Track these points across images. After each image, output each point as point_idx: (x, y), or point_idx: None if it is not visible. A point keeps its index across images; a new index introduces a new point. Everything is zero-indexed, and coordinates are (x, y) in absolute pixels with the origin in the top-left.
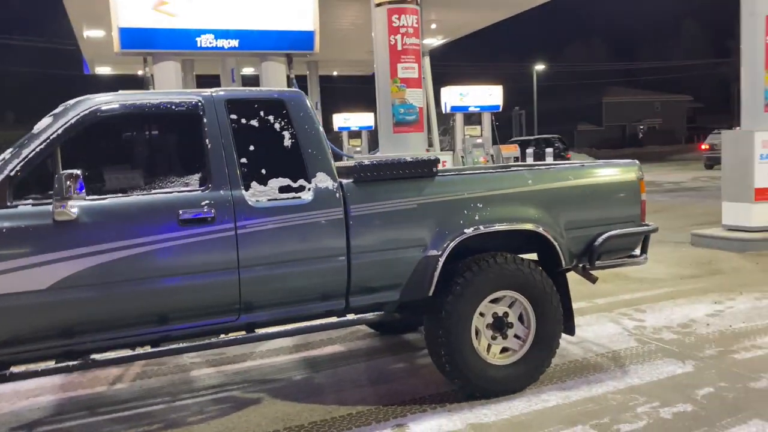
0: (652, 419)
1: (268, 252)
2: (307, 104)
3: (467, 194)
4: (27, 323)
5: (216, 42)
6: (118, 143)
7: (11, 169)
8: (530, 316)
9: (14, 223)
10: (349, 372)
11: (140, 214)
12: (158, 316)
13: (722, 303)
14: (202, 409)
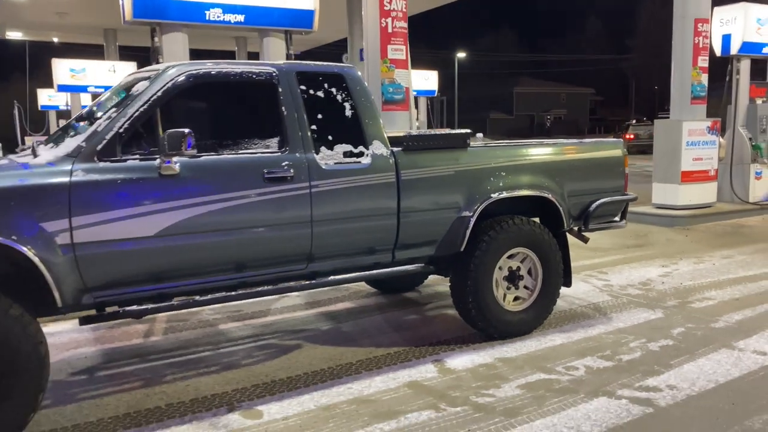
0: (644, 351)
1: (335, 209)
2: (362, 79)
3: (493, 164)
4: (135, 267)
5: (223, 16)
6: (207, 106)
7: (119, 127)
8: (538, 270)
9: (125, 175)
10: (371, 322)
11: (232, 171)
12: (242, 263)
13: (668, 266)
14: (250, 354)
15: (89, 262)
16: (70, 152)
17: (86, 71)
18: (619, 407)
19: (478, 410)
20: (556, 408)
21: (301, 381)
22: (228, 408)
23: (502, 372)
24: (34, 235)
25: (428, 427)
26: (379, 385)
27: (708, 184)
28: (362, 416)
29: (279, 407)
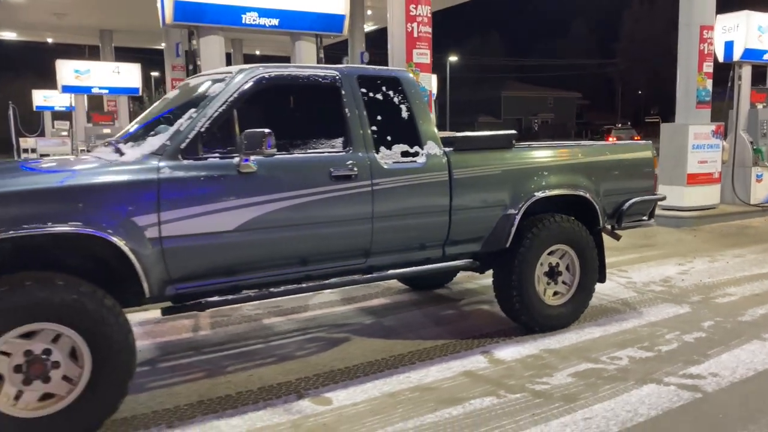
0: (680, 342)
1: (394, 206)
2: (416, 83)
3: (536, 164)
4: (215, 260)
5: (259, 20)
6: (277, 107)
7: (200, 126)
8: (576, 266)
9: (207, 173)
10: (410, 317)
11: (303, 169)
12: (309, 257)
13: (684, 265)
14: (302, 346)
15: (175, 254)
16: (155, 150)
17: (90, 72)
18: (669, 393)
19: (537, 396)
20: (610, 394)
21: (360, 370)
22: (297, 395)
23: (551, 362)
24: (126, 229)
25: (493, 412)
26: (436, 374)
27: (712, 186)
28: (428, 402)
29: (345, 394)
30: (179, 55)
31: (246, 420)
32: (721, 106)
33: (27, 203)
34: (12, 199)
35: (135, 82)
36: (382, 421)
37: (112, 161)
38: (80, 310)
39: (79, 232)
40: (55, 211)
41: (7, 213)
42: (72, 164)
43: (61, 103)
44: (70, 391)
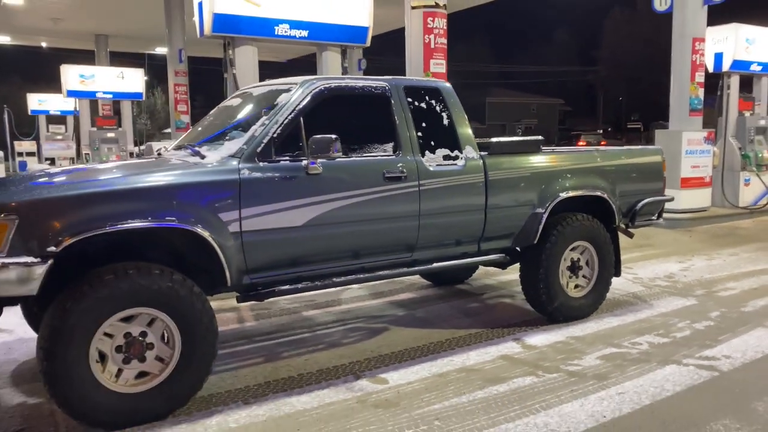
0: (692, 330)
1: (437, 205)
2: (454, 92)
3: (560, 167)
4: (285, 252)
5: (290, 31)
6: (337, 115)
7: (273, 132)
8: (595, 261)
9: (280, 174)
10: (439, 309)
11: (361, 171)
12: (364, 251)
13: (684, 263)
14: (346, 335)
15: (252, 247)
16: (234, 153)
17: (95, 77)
18: (689, 372)
19: (572, 376)
20: (637, 373)
21: (406, 355)
22: (354, 376)
23: (578, 347)
24: (213, 224)
25: (535, 389)
26: (476, 358)
27: (704, 189)
28: (475, 381)
29: (398, 375)
30: (182, 61)
31: (314, 397)
32: (710, 113)
33: (131, 200)
34: (119, 196)
35: (138, 87)
36: (438, 396)
37: (196, 163)
38: (173, 296)
39: (176, 227)
40: (154, 207)
41: (114, 208)
42: (161, 165)
43: (56, 107)
44: (162, 370)
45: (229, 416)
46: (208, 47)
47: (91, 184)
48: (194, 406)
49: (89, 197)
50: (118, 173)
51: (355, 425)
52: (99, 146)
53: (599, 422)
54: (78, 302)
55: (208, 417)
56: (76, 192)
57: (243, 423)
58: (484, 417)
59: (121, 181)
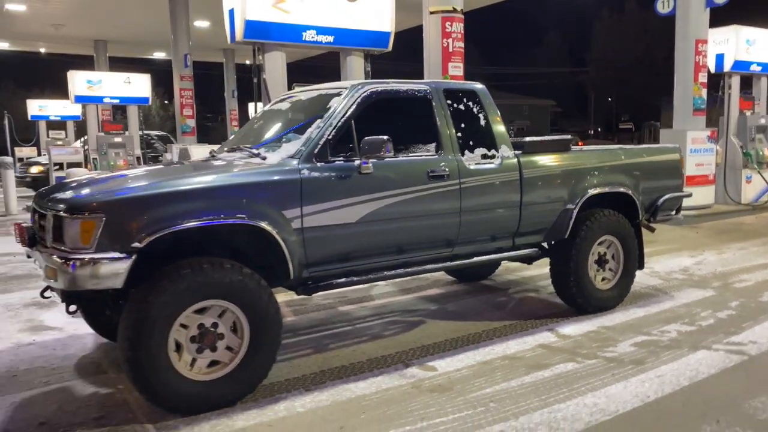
0: (715, 318)
1: (476, 202)
2: (489, 94)
3: (589, 165)
4: (340, 247)
5: (317, 37)
6: (384, 117)
7: (328, 134)
8: (620, 254)
9: (336, 173)
10: (470, 303)
11: (408, 170)
12: (410, 246)
13: (696, 257)
14: (385, 327)
15: (312, 243)
16: (293, 154)
17: (102, 82)
18: (720, 356)
19: (610, 362)
20: (671, 358)
21: (448, 345)
22: (404, 365)
23: (610, 336)
24: (278, 220)
25: (578, 373)
26: (515, 347)
27: (708, 187)
28: (519, 368)
29: (445, 363)
30: (187, 66)
31: (370, 384)
32: (711, 112)
33: (206, 198)
34: (196, 194)
35: (145, 92)
36: (487, 381)
37: (259, 164)
38: (244, 289)
39: (246, 223)
40: (227, 205)
41: (191, 206)
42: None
43: (56, 113)
44: (232, 359)
45: (295, 402)
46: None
47: (167, 183)
48: (260, 394)
49: (170, 196)
50: (189, 173)
51: (416, 407)
52: (106, 151)
53: (644, 402)
54: (159, 295)
55: (274, 403)
56: (157, 191)
57: (309, 407)
58: (535, 399)
59: (196, 181)
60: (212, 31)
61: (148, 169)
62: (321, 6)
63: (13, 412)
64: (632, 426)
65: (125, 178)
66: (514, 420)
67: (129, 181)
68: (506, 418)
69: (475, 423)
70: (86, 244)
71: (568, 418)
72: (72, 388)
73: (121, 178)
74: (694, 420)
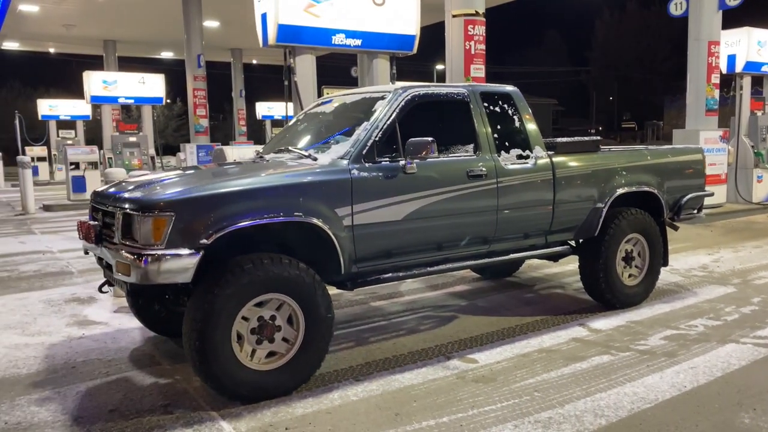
0: (740, 313)
1: (512, 200)
2: (523, 97)
3: (617, 165)
4: (386, 244)
5: (346, 41)
6: (425, 119)
7: (375, 136)
8: (646, 252)
9: (383, 173)
10: (499, 300)
11: (449, 170)
12: (451, 242)
13: (713, 255)
14: (421, 322)
15: (361, 240)
16: (342, 156)
17: (117, 83)
18: (748, 349)
19: (644, 354)
20: (701, 351)
21: (485, 339)
22: (445, 357)
23: (640, 330)
24: (330, 218)
25: (614, 365)
26: (550, 341)
27: (720, 186)
28: (557, 360)
29: (485, 356)
30: (201, 66)
31: (417, 374)
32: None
33: (267, 197)
34: (257, 193)
35: (159, 92)
36: (528, 372)
37: (311, 165)
38: (300, 283)
39: (303, 221)
40: (285, 204)
41: (254, 205)
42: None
43: (66, 112)
44: (289, 350)
45: (347, 391)
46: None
47: (231, 183)
48: (313, 384)
49: (234, 195)
50: (248, 174)
51: (464, 396)
52: (121, 150)
53: (682, 391)
54: (224, 288)
55: (328, 392)
56: (222, 190)
57: (362, 396)
58: (577, 389)
59: (256, 181)
60: (221, 31)
61: (207, 169)
62: (350, 10)
63: (80, 401)
64: (673, 413)
65: (186, 178)
66: (560, 408)
67: (191, 180)
68: (552, 406)
69: (524, 410)
70: (158, 240)
71: (611, 406)
72: (132, 378)
73: (182, 179)
74: (731, 408)
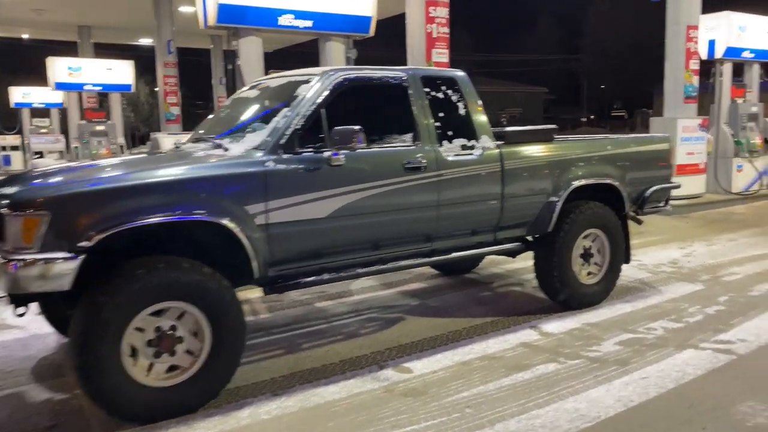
0: (703, 314)
1: (455, 194)
2: (470, 82)
3: (573, 155)
4: (309, 244)
5: (294, 21)
6: (357, 105)
7: (296, 124)
8: (606, 248)
9: (304, 166)
10: (452, 299)
11: (382, 162)
12: (385, 242)
13: (686, 248)
14: (363, 325)
15: (278, 240)
16: (258, 146)
17: (82, 69)
18: (707, 356)
19: (594, 362)
20: (657, 358)
21: (426, 344)
22: (378, 366)
23: (595, 333)
24: (240, 216)
25: (559, 375)
26: (496, 346)
27: (699, 176)
28: (499, 369)
29: (422, 364)
30: (171, 52)
31: (342, 387)
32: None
33: (160, 193)
34: (148, 189)
35: (128, 79)
36: (464, 384)
37: (221, 156)
38: (204, 289)
39: (204, 219)
40: (183, 200)
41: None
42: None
43: (40, 100)
44: (193, 363)
45: (260, 408)
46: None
47: (120, 177)
48: (224, 399)
49: (120, 191)
50: (144, 167)
51: (387, 414)
52: (88, 139)
53: (628, 406)
54: (111, 296)
55: (239, 409)
56: (107, 186)
57: (275, 414)
58: (514, 404)
59: (150, 175)
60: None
61: (105, 162)
62: None
63: None
64: None
65: (78, 172)
66: (489, 427)
67: (79, 174)
68: (481, 425)
69: (449, 430)
70: (29, 243)
71: (546, 425)
72: (26, 394)
73: (74, 172)
74: (679, 427)
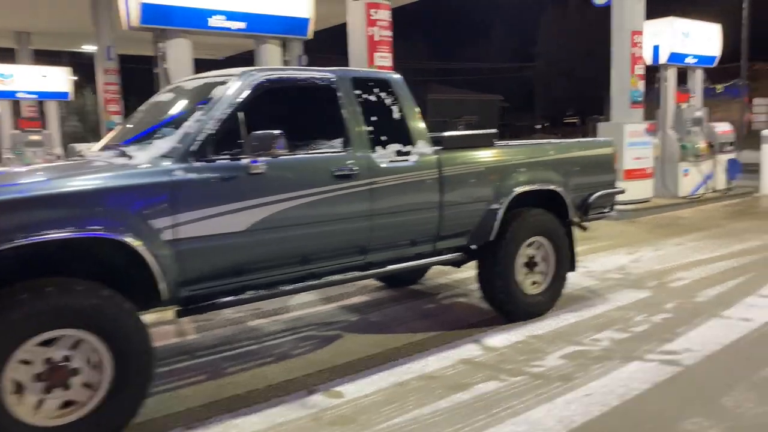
0: (650, 323)
1: (390, 203)
2: (405, 85)
3: (515, 161)
4: (227, 260)
5: (226, 23)
6: (280, 109)
7: (209, 129)
8: (551, 257)
9: (219, 174)
10: (395, 312)
11: (308, 169)
12: (314, 255)
13: (633, 254)
14: (296, 345)
15: (190, 256)
16: (165, 153)
17: (14, 76)
18: (653, 368)
19: (536, 378)
20: (601, 372)
21: (362, 364)
22: (307, 391)
23: (539, 347)
24: (143, 232)
25: (500, 395)
26: (435, 363)
27: (646, 180)
28: (436, 389)
29: (355, 387)
30: (111, 59)
31: (263, 417)
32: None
33: (50, 207)
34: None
35: (64, 87)
36: (398, 409)
37: (123, 165)
38: (101, 314)
39: (101, 236)
40: (77, 215)
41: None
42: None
43: None
44: (91, 397)
45: None
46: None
47: (3, 189)
48: None
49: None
50: (35, 177)
51: None
52: (22, 150)
53: (569, 428)
54: None
55: None
56: None
57: None
58: (448, 430)
59: (37, 187)
60: None
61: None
62: None
63: None
64: None
65: None
66: None
67: None
68: None
69: None
70: None
71: None
72: None
73: None
74: None
